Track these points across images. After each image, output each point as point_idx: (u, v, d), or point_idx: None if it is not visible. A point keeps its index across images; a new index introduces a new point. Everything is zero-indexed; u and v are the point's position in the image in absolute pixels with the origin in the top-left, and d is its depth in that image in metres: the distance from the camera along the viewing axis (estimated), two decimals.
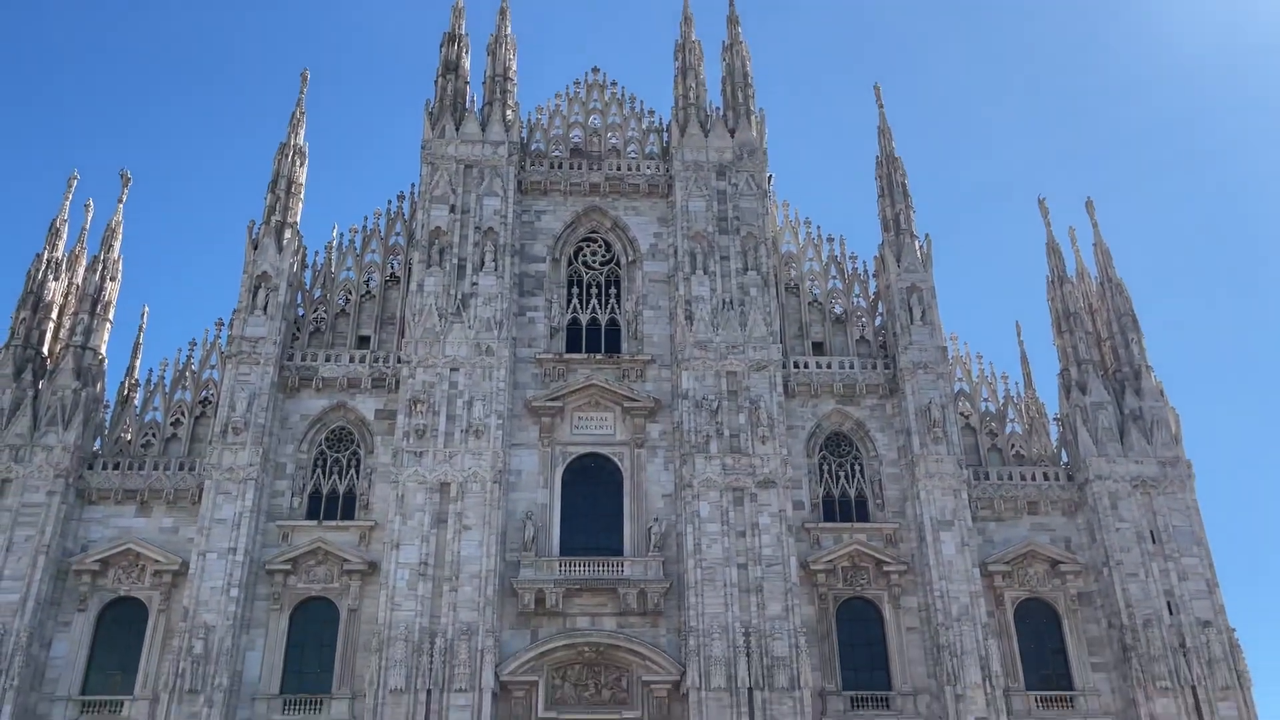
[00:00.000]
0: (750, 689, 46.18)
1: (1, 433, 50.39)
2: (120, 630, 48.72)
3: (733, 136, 60.59)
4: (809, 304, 59.06)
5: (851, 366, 56.24)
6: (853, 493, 53.29)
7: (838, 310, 59.09)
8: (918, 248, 58.33)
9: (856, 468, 54.13)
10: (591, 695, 48.26)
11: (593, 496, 52.44)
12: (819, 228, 60.77)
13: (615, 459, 53.16)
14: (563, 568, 49.12)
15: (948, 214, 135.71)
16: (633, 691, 48.02)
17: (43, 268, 55.75)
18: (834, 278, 59.76)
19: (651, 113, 63.78)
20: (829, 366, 56.13)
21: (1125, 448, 53.44)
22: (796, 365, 55.73)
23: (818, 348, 57.78)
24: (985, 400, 56.82)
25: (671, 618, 48.66)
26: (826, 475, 53.66)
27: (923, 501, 50.85)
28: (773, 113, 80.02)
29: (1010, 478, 53.74)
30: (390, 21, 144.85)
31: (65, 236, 57.64)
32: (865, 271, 59.82)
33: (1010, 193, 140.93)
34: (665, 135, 62.65)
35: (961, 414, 55.42)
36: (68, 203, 58.54)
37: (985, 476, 53.60)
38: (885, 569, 50.51)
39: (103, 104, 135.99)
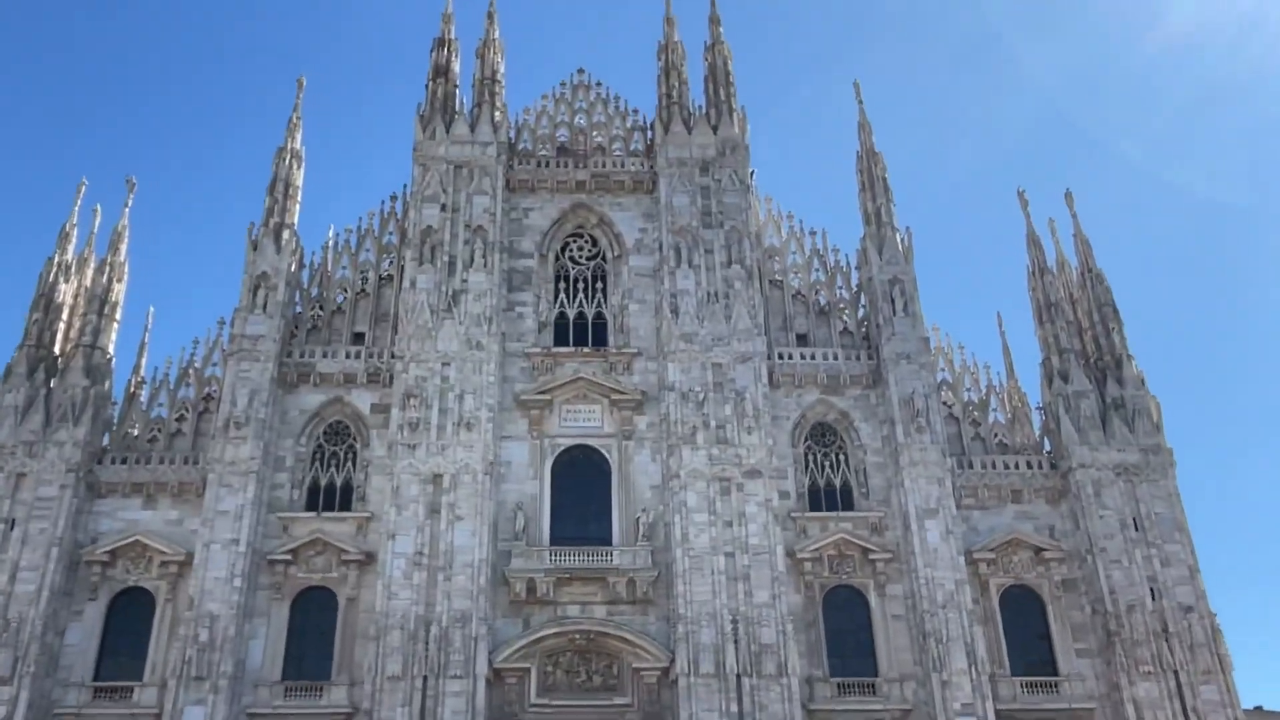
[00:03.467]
0: (739, 675, 47.04)
1: (16, 429, 51.43)
2: (129, 619, 50.22)
3: (715, 133, 61.49)
4: (792, 297, 59.74)
5: (835, 358, 56.81)
6: (838, 482, 54.00)
7: (821, 302, 59.64)
8: (899, 241, 58.78)
9: (841, 457, 54.77)
10: (583, 682, 49.17)
11: (582, 487, 53.45)
12: (801, 222, 61.62)
13: (603, 450, 54.17)
14: (553, 557, 50.14)
15: (929, 207, 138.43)
16: (623, 678, 49.01)
17: (53, 271, 57.12)
18: (817, 270, 60.40)
19: (636, 111, 64.76)
20: (813, 358, 56.79)
21: (1107, 436, 53.99)
22: (781, 357, 56.34)
23: (801, 339, 58.37)
24: (968, 390, 57.45)
25: (660, 606, 49.66)
26: (812, 465, 54.43)
27: (907, 490, 51.69)
28: (754, 110, 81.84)
29: (994, 466, 54.51)
30: (381, 27, 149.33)
31: (74, 241, 59.10)
32: (847, 264, 60.47)
33: (990, 185, 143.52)
34: (649, 133, 63.57)
35: (944, 403, 56.02)
36: (76, 208, 59.84)
37: (969, 465, 54.37)
38: (871, 557, 51.31)
39: (108, 112, 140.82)
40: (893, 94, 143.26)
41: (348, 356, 56.24)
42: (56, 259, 57.85)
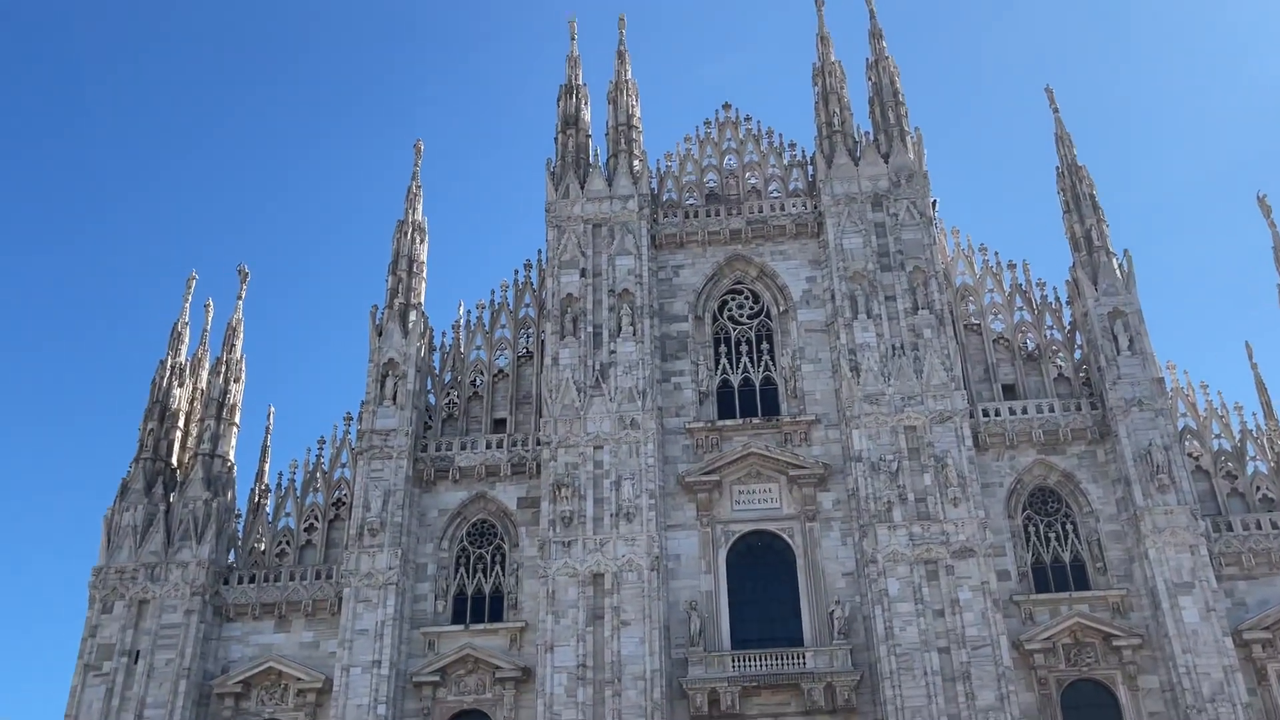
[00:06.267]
0: None
1: (136, 551, 51.92)
2: None
3: (886, 162, 60.43)
4: (994, 342, 58.07)
5: (1051, 410, 54.66)
6: (1067, 557, 51.69)
7: (1029, 346, 57.84)
8: (1117, 267, 56.69)
9: (1069, 527, 52.48)
10: None
11: (763, 580, 52.23)
12: (997, 254, 60.06)
13: (784, 535, 52.80)
14: (736, 663, 48.69)
15: (1147, 225, 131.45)
16: None
17: (167, 375, 58.34)
18: (1020, 309, 58.72)
19: (793, 145, 64.27)
20: (1025, 412, 54.90)
21: None
22: (986, 413, 54.67)
23: (1009, 391, 56.71)
24: (1218, 437, 54.39)
25: (866, 714, 47.89)
26: (1034, 538, 52.29)
27: (1153, 562, 48.81)
28: (930, 131, 79.59)
29: (1259, 526, 50.92)
30: (501, 78, 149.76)
31: (188, 340, 60.50)
32: (1057, 299, 58.67)
33: (1222, 193, 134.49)
34: (810, 169, 62.92)
35: (1190, 455, 53.19)
36: (188, 304, 61.47)
37: (1228, 527, 51.10)
38: (1115, 644, 48.42)
39: (216, 197, 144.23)
40: (1088, 100, 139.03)
41: (489, 446, 56.20)
42: (169, 361, 59.08)
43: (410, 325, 58.20)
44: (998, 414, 54.81)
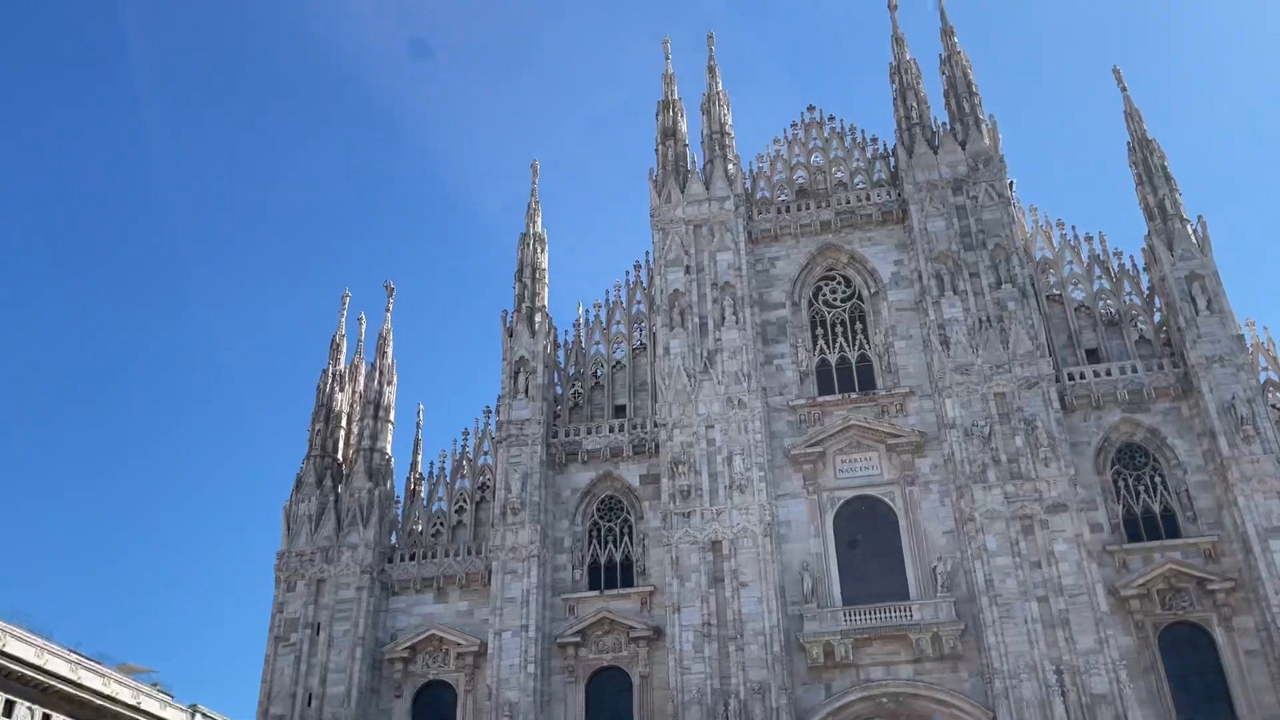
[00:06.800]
0: None
1: (312, 536, 55.57)
2: (433, 712, 52.96)
3: (964, 149, 59.98)
4: (1075, 310, 57.43)
5: (1134, 370, 54.13)
6: (1157, 508, 51.23)
7: (1110, 312, 57.11)
8: (1191, 232, 55.42)
9: (1157, 480, 51.97)
10: None
11: (868, 541, 52.74)
12: (1074, 227, 59.10)
13: (886, 499, 53.33)
14: (848, 617, 49.73)
15: (1222, 183, 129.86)
16: None
17: (329, 381, 61.38)
18: (1099, 278, 57.77)
19: (875, 140, 64.13)
20: (1108, 374, 54.32)
21: None
22: (1071, 377, 54.13)
23: (1092, 355, 56.05)
24: None
25: (971, 661, 48.42)
26: (1124, 491, 51.97)
27: (1242, 509, 48.25)
28: (1004, 117, 79.25)
29: None
30: (606, 100, 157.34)
31: (345, 350, 63.20)
32: (1134, 267, 57.64)
33: None
34: (892, 160, 62.69)
35: (1274, 407, 52.07)
36: (343, 318, 64.29)
37: None
38: (1209, 588, 48.26)
39: (362, 223, 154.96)
40: (1157, 67, 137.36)
41: (611, 431, 57.89)
42: (330, 369, 62.16)
43: (536, 326, 60.21)
44: (1083, 377, 53.99)
